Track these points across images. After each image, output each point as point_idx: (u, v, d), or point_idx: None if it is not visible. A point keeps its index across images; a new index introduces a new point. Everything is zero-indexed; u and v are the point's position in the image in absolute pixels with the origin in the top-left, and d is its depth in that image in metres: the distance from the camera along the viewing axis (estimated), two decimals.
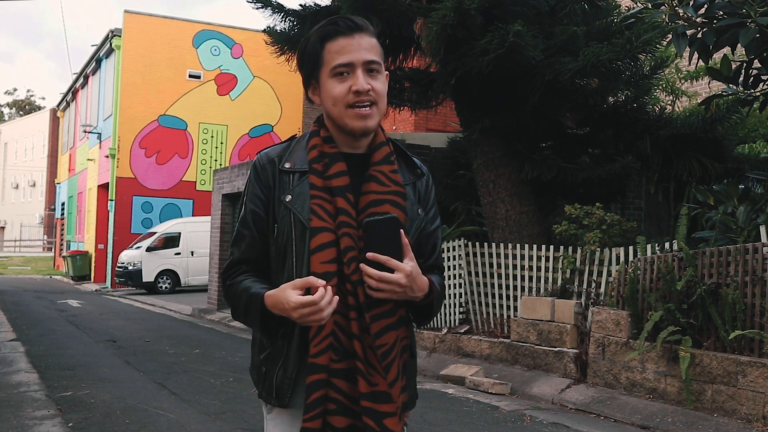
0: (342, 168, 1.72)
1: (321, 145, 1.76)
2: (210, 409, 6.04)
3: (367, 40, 1.72)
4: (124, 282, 19.54)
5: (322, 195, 1.70)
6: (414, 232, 1.78)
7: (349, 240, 1.66)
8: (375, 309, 1.66)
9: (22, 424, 5.40)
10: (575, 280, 7.53)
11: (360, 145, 1.77)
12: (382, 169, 1.75)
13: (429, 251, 1.86)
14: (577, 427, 5.72)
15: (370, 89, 1.69)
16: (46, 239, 43.48)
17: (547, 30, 7.93)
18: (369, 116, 1.71)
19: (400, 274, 1.62)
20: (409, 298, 1.67)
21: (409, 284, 1.63)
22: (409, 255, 1.65)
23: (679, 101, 11.38)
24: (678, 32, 5.47)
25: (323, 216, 1.68)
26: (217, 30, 23.34)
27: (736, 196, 6.80)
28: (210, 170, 22.29)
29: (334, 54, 1.70)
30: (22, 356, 8.57)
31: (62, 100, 32.70)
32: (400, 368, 1.69)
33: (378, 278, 1.61)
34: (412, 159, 1.86)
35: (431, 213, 1.87)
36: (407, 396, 1.76)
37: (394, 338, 1.67)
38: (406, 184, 1.79)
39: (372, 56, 1.71)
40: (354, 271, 1.65)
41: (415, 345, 1.86)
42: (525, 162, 8.70)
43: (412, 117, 15.69)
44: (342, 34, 1.70)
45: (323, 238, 1.66)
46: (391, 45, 9.30)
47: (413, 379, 1.85)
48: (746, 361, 5.44)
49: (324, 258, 1.66)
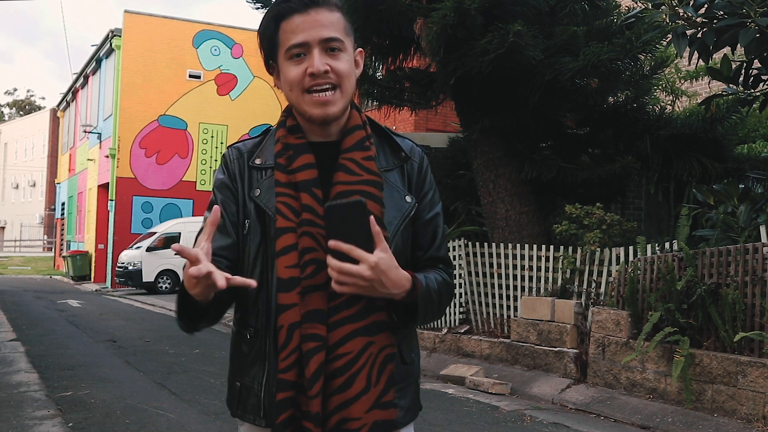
0: (308, 160, 1.56)
1: (285, 137, 1.60)
2: (210, 409, 6.04)
3: (326, 15, 1.53)
4: (124, 282, 19.54)
5: (287, 191, 1.54)
6: (401, 224, 1.59)
7: (310, 240, 1.49)
8: (338, 314, 1.49)
9: (22, 424, 5.40)
10: (575, 280, 7.53)
11: (330, 133, 1.59)
12: (353, 156, 1.56)
13: (428, 242, 1.66)
14: (577, 427, 5.71)
15: (328, 70, 1.51)
16: (46, 239, 43.50)
17: (547, 30, 7.93)
18: (329, 102, 1.53)
19: (363, 266, 1.40)
20: (380, 294, 1.46)
21: (375, 277, 1.41)
22: (381, 245, 1.43)
23: (679, 101, 11.38)
24: (678, 32, 5.48)
25: (288, 215, 1.52)
26: (217, 30, 23.35)
27: (736, 196, 6.80)
28: (210, 170, 22.29)
29: (289, 34, 1.53)
30: (22, 356, 8.57)
31: (62, 100, 32.70)
32: (372, 380, 1.50)
33: (338, 269, 1.41)
34: (396, 142, 1.67)
35: (427, 198, 1.67)
36: (397, 412, 1.55)
37: (362, 345, 1.49)
38: (388, 170, 1.61)
39: (330, 33, 1.52)
40: (310, 275, 1.48)
41: (411, 350, 1.65)
42: (525, 162, 8.70)
43: (412, 117, 15.68)
44: (296, 11, 1.53)
45: (287, 240, 1.51)
46: (391, 45, 9.30)
47: (409, 389, 1.63)
48: (746, 361, 5.44)
49: (288, 262, 1.50)
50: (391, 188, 1.60)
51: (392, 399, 1.53)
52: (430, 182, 1.69)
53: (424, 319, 1.60)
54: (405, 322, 1.56)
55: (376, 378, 1.51)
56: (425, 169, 1.69)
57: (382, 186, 1.57)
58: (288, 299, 1.50)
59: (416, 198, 1.64)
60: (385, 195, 1.57)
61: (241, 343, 1.62)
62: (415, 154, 1.69)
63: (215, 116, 23.07)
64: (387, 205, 1.56)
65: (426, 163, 1.71)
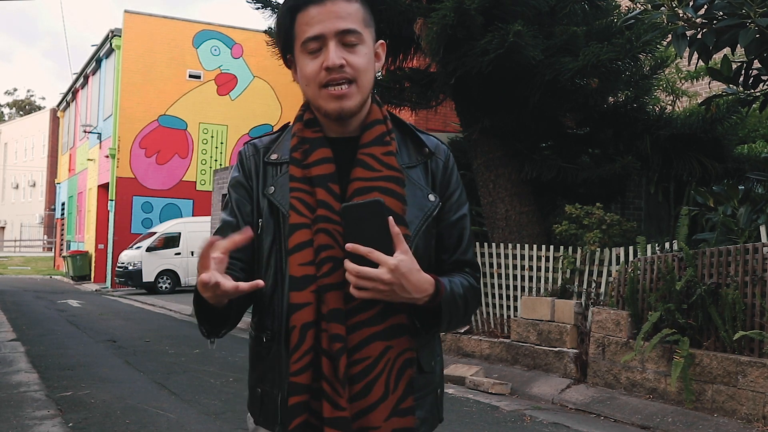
0: (325, 155, 1.49)
1: (302, 131, 1.54)
2: (210, 409, 6.04)
3: (343, 5, 1.46)
4: (124, 282, 19.55)
5: (302, 187, 1.47)
6: (423, 223, 1.51)
7: (326, 237, 1.43)
8: (355, 316, 1.42)
9: (22, 424, 5.40)
10: (575, 280, 7.54)
11: (349, 128, 1.53)
12: (372, 152, 1.49)
13: (453, 245, 1.58)
14: (577, 427, 5.72)
15: (343, 64, 1.45)
16: (46, 239, 43.49)
17: (547, 30, 7.94)
18: (345, 96, 1.46)
19: (383, 269, 1.34)
20: (402, 299, 1.39)
21: (396, 281, 1.35)
22: (401, 247, 1.36)
23: (679, 101, 11.38)
24: (678, 33, 5.47)
25: (303, 211, 1.45)
26: (217, 30, 23.36)
27: (736, 198, 6.80)
28: (210, 170, 22.29)
29: (304, 26, 1.47)
30: (22, 356, 8.57)
31: (62, 100, 32.71)
32: (390, 386, 1.42)
33: (356, 273, 1.34)
34: (420, 137, 1.60)
35: (453, 198, 1.59)
36: (415, 420, 1.46)
37: (380, 350, 1.42)
38: (410, 167, 1.54)
39: (347, 24, 1.46)
40: (327, 273, 1.42)
41: (431, 358, 1.56)
42: (525, 162, 8.70)
43: (412, 117, 15.67)
44: (312, 2, 1.46)
45: (301, 237, 1.44)
46: (391, 45, 9.30)
47: (427, 399, 1.54)
48: (746, 361, 5.44)
49: (302, 260, 1.43)
50: (413, 186, 1.53)
51: (411, 405, 1.45)
52: (456, 181, 1.62)
53: (449, 326, 1.53)
54: (428, 327, 1.49)
55: (394, 384, 1.44)
56: (451, 167, 1.62)
57: (403, 182, 1.50)
58: (301, 298, 1.43)
59: (441, 197, 1.57)
60: (407, 193, 1.50)
61: (259, 347, 1.56)
62: (440, 151, 1.62)
63: (215, 116, 23.07)
64: (409, 203, 1.49)
65: (452, 161, 1.64)
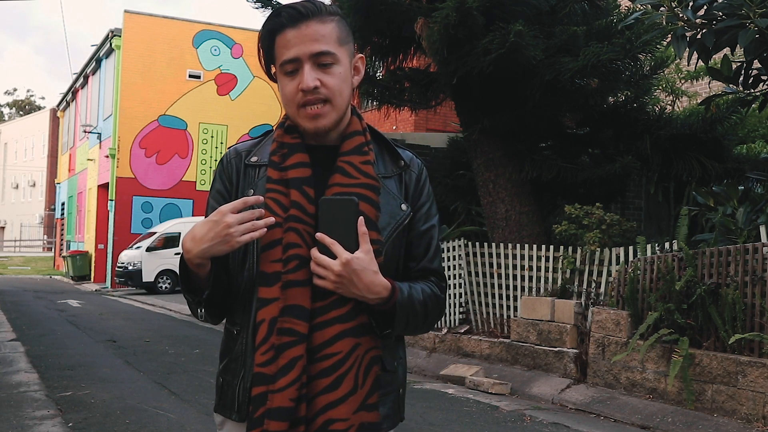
0: (302, 159, 1.57)
1: (282, 136, 1.62)
2: (210, 409, 6.01)
3: (317, 27, 1.52)
4: (124, 282, 19.55)
5: (277, 188, 1.55)
6: (394, 231, 1.59)
7: (295, 236, 1.50)
8: (328, 313, 1.50)
9: (22, 424, 5.40)
10: (575, 280, 7.54)
11: (329, 138, 1.61)
12: (351, 160, 1.57)
13: (421, 253, 1.66)
14: (577, 427, 5.72)
15: (318, 86, 1.52)
16: (46, 239, 43.50)
17: (547, 30, 7.94)
18: (321, 115, 1.54)
19: (336, 261, 1.44)
20: (353, 295, 1.48)
21: (346, 275, 1.44)
22: (364, 247, 1.46)
23: (679, 101, 11.39)
24: (677, 34, 5.47)
25: (276, 210, 1.52)
26: (217, 30, 23.36)
27: (736, 198, 6.80)
28: (210, 170, 22.30)
29: (282, 48, 1.54)
30: (22, 356, 8.57)
31: (62, 100, 32.72)
32: (359, 381, 1.50)
33: (314, 259, 1.46)
34: (397, 150, 1.68)
35: (423, 210, 1.67)
36: (379, 415, 1.54)
37: (351, 346, 1.49)
38: (386, 177, 1.62)
39: (321, 47, 1.52)
40: (292, 269, 1.49)
41: (394, 359, 1.64)
42: (525, 162, 8.71)
43: (412, 117, 15.71)
44: (287, 26, 1.53)
45: (273, 235, 1.51)
46: (391, 45, 9.31)
47: (389, 397, 1.62)
48: (746, 361, 5.44)
49: (272, 257, 1.51)
50: (387, 194, 1.61)
51: (376, 401, 1.53)
52: (427, 194, 1.69)
53: (407, 330, 1.59)
54: (382, 328, 1.55)
55: (363, 379, 1.51)
56: (423, 180, 1.69)
57: (379, 190, 1.57)
58: (269, 293, 1.51)
59: (412, 208, 1.65)
60: (381, 201, 1.58)
61: (229, 339, 1.66)
62: (414, 164, 1.69)
63: (215, 116, 23.08)
64: (382, 210, 1.57)
65: (425, 175, 1.71)
